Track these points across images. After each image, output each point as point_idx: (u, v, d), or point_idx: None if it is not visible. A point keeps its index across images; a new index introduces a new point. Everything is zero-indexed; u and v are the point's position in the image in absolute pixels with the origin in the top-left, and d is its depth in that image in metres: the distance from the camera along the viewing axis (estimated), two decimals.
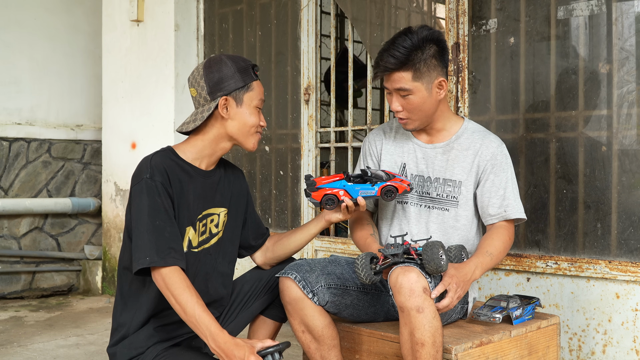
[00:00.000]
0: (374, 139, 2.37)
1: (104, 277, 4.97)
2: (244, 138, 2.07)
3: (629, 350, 2.61)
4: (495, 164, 2.19)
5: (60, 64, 5.19)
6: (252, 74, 2.06)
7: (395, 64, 2.08)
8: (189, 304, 1.84)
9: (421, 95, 2.12)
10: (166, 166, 1.98)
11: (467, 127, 2.26)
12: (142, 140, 4.63)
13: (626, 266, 2.60)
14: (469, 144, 2.22)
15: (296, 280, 2.09)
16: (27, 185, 4.95)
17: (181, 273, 1.88)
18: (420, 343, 1.86)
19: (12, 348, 3.49)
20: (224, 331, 1.84)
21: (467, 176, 2.20)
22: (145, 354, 2.00)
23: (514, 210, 2.19)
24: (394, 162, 2.30)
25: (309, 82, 3.85)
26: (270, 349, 1.84)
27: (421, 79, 2.10)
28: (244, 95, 2.03)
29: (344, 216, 2.16)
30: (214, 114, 2.04)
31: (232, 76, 2.02)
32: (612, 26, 2.70)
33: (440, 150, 2.24)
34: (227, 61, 2.04)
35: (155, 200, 1.92)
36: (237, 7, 4.33)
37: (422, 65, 2.09)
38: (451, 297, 1.95)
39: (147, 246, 1.87)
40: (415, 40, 2.09)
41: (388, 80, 2.14)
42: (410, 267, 1.90)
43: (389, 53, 2.10)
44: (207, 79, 2.03)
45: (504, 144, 2.24)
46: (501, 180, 2.19)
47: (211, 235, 2.12)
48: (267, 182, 4.14)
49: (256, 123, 2.07)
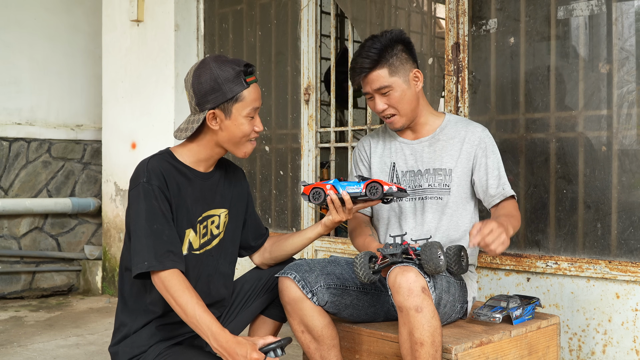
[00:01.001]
0: (362, 145, 2.43)
1: (104, 277, 4.97)
2: (234, 147, 2.04)
3: (629, 350, 2.61)
4: (485, 148, 2.26)
5: (60, 64, 5.19)
6: (243, 81, 1.97)
7: (370, 63, 2.17)
8: (189, 305, 1.84)
9: (401, 89, 2.20)
10: (163, 169, 1.98)
11: (449, 119, 2.33)
12: (142, 140, 4.63)
13: (626, 266, 2.60)
14: (453, 133, 2.29)
15: (295, 280, 2.09)
16: (27, 185, 4.95)
17: (180, 275, 1.88)
18: (419, 343, 1.86)
19: (12, 348, 3.49)
20: (225, 330, 1.84)
21: (456, 163, 2.25)
22: (147, 352, 2.01)
23: (509, 188, 2.27)
24: (384, 163, 2.34)
25: (309, 82, 3.85)
26: (272, 345, 1.85)
27: (397, 74, 2.19)
28: (232, 106, 1.97)
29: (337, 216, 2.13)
30: (205, 123, 2.01)
31: (219, 88, 1.95)
32: (612, 26, 2.70)
33: (427, 144, 2.30)
34: (215, 69, 1.96)
35: (152, 204, 1.92)
36: (237, 7, 4.33)
37: (395, 60, 2.18)
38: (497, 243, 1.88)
39: (145, 250, 1.87)
40: (383, 40, 2.19)
41: (367, 83, 2.21)
42: (409, 266, 1.90)
43: (362, 57, 2.19)
44: (195, 90, 1.98)
45: (487, 129, 2.32)
46: (493, 162, 2.26)
47: (212, 237, 2.12)
48: (267, 182, 4.14)
49: (247, 132, 2.01)
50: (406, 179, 2.29)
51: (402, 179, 2.30)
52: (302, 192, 2.17)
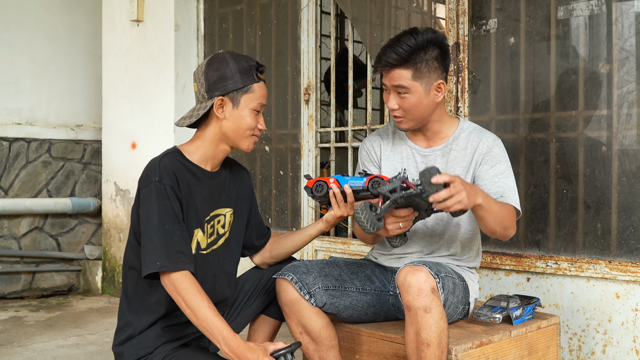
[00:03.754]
0: (371, 144, 2.35)
1: (104, 277, 4.97)
2: (238, 139, 2.04)
3: (629, 350, 2.61)
4: (491, 156, 2.18)
5: (60, 64, 5.19)
6: (255, 75, 2.02)
7: (397, 60, 2.08)
8: (201, 308, 1.83)
9: (418, 96, 2.11)
10: (175, 169, 1.97)
11: (463, 127, 2.25)
12: (142, 140, 4.63)
13: (626, 266, 2.60)
14: (466, 144, 2.22)
15: (292, 282, 2.08)
16: (27, 185, 4.95)
17: (191, 277, 1.87)
18: (425, 343, 1.86)
19: (12, 348, 3.49)
20: (236, 335, 1.84)
21: (465, 174, 2.20)
22: (154, 354, 2.00)
23: (510, 199, 2.14)
24: (394, 168, 2.29)
25: (309, 82, 3.85)
26: (283, 350, 1.85)
27: (420, 79, 2.10)
28: (241, 97, 2.00)
29: (338, 211, 2.11)
30: (211, 112, 2.03)
31: (232, 76, 1.99)
32: (612, 26, 2.70)
33: (439, 153, 2.24)
34: (230, 60, 2.01)
35: (164, 204, 1.91)
36: (237, 7, 4.33)
37: (423, 65, 2.09)
38: (450, 192, 1.81)
39: (157, 250, 1.86)
40: (419, 40, 2.08)
41: (387, 76, 2.13)
42: (420, 266, 1.89)
43: (392, 49, 2.09)
44: (207, 77, 2.01)
45: (500, 140, 2.23)
46: (496, 171, 2.17)
47: (219, 236, 2.11)
48: (267, 182, 4.14)
49: (252, 126, 2.03)
50: None
51: None
52: (305, 184, 2.16)
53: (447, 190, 1.81)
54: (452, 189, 1.82)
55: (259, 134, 2.09)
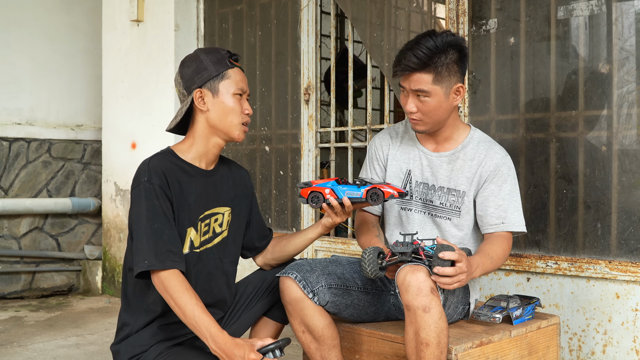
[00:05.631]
0: (380, 143, 2.35)
1: (104, 277, 4.97)
2: (227, 128, 2.05)
3: (629, 350, 2.61)
4: (497, 175, 2.17)
5: (60, 64, 5.19)
6: (227, 62, 2.05)
7: (418, 64, 2.06)
8: (189, 306, 1.84)
9: (438, 100, 2.09)
10: (164, 168, 1.99)
11: (473, 136, 2.24)
12: (142, 140, 4.63)
13: (626, 266, 2.60)
14: (474, 154, 2.20)
15: (296, 280, 2.09)
16: (27, 185, 4.95)
17: (180, 276, 1.88)
18: (425, 343, 1.86)
19: (12, 348, 3.49)
20: (223, 332, 1.85)
21: (469, 186, 2.19)
22: (148, 352, 2.01)
23: (513, 224, 2.15)
24: (399, 169, 2.29)
25: (309, 82, 3.85)
26: (270, 345, 1.85)
27: (441, 83, 2.08)
28: (219, 84, 2.03)
29: (335, 218, 2.14)
30: (195, 108, 2.05)
31: (206, 67, 2.03)
32: (612, 26, 2.70)
33: (446, 160, 2.23)
34: (201, 54, 2.06)
35: (153, 204, 1.92)
36: (237, 7, 4.33)
37: (443, 69, 2.07)
38: (455, 271, 1.85)
39: (146, 250, 1.88)
40: (439, 42, 2.06)
41: (407, 80, 2.10)
42: (419, 266, 1.90)
43: (413, 52, 2.06)
44: (182, 75, 2.06)
45: (508, 156, 2.21)
46: (501, 191, 2.16)
47: (214, 235, 2.12)
48: (267, 182, 4.14)
49: (237, 110, 2.05)
50: (419, 190, 2.25)
51: (415, 189, 2.25)
52: (299, 194, 2.16)
53: (453, 269, 1.85)
54: (457, 268, 1.86)
55: (248, 120, 2.10)
